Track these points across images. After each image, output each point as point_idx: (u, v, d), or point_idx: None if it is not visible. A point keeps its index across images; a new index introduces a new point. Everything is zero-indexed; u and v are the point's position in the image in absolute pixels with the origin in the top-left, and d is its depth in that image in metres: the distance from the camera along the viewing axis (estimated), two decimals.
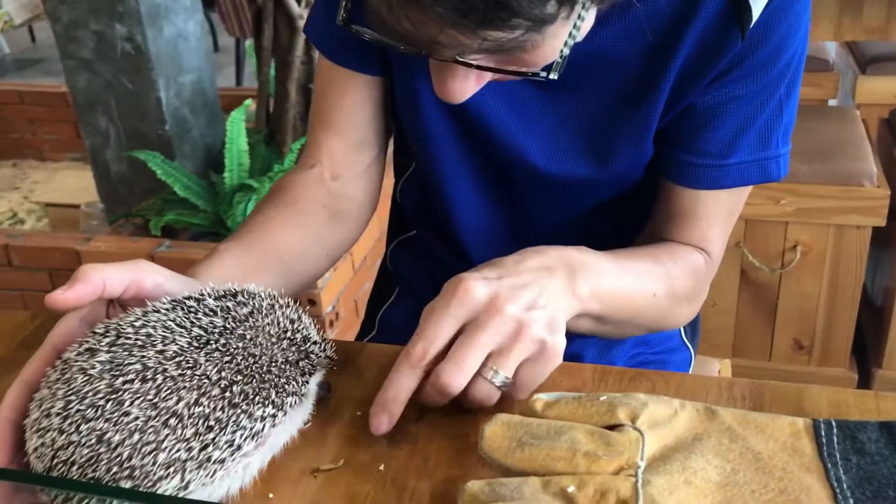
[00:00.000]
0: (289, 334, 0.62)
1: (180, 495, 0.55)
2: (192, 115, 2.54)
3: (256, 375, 0.59)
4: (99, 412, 0.55)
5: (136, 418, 0.55)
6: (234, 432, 0.57)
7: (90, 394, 0.56)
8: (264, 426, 0.59)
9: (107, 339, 0.58)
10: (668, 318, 0.84)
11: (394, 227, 1.11)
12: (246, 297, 0.63)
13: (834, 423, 0.59)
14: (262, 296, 0.64)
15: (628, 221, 0.92)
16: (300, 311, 0.65)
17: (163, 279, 0.67)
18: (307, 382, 0.63)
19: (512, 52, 0.58)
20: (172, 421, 0.55)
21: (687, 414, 0.60)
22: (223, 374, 0.58)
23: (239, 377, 0.58)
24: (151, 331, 0.59)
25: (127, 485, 0.54)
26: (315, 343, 0.64)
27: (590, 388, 0.70)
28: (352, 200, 0.94)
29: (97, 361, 0.57)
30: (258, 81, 2.53)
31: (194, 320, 0.60)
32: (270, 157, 2.45)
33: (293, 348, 0.62)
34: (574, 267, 0.70)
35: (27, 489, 0.56)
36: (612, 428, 0.58)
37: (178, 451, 0.55)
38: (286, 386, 0.60)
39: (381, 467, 0.63)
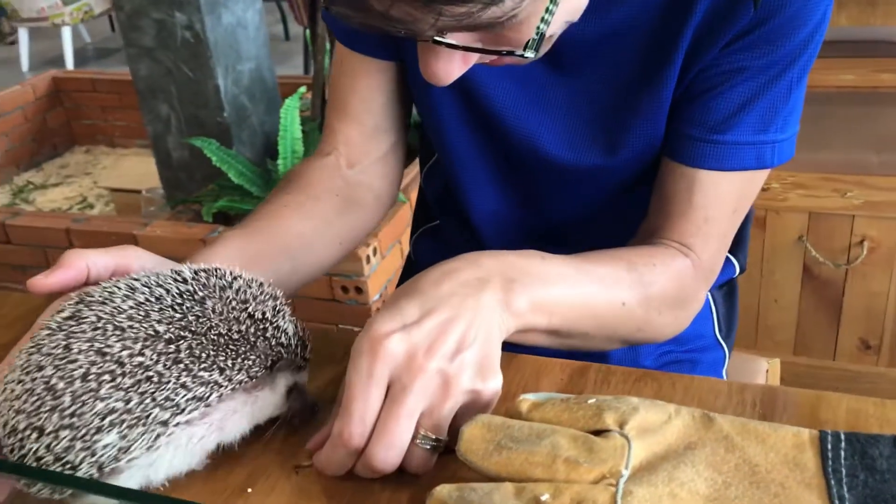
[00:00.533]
0: (257, 315, 0.60)
1: (122, 459, 0.54)
2: (250, 103, 2.57)
3: (206, 338, 0.57)
4: (50, 360, 0.56)
5: (80, 365, 0.55)
6: (175, 390, 0.56)
7: (46, 346, 0.57)
8: (210, 393, 0.57)
9: (75, 300, 0.60)
10: (647, 329, 0.76)
11: (418, 216, 1.09)
12: (229, 276, 0.62)
13: (843, 436, 0.55)
14: (249, 280, 0.62)
15: (647, 210, 0.87)
16: (284, 304, 0.63)
17: (151, 264, 0.66)
18: (270, 371, 0.60)
19: (491, 29, 0.55)
20: (114, 368, 0.55)
21: (681, 420, 0.57)
22: (171, 329, 0.57)
23: (188, 334, 0.57)
24: (115, 290, 0.59)
25: (68, 436, 0.54)
26: (286, 335, 0.61)
27: (591, 388, 0.67)
28: (368, 188, 0.92)
29: (60, 317, 0.58)
30: (313, 69, 2.54)
31: (161, 283, 0.60)
32: None
33: (259, 331, 0.60)
34: (511, 277, 0.64)
35: None
36: (598, 433, 0.55)
37: (116, 401, 0.54)
38: (239, 360, 0.58)
39: None
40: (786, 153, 0.76)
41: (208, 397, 0.57)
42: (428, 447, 0.58)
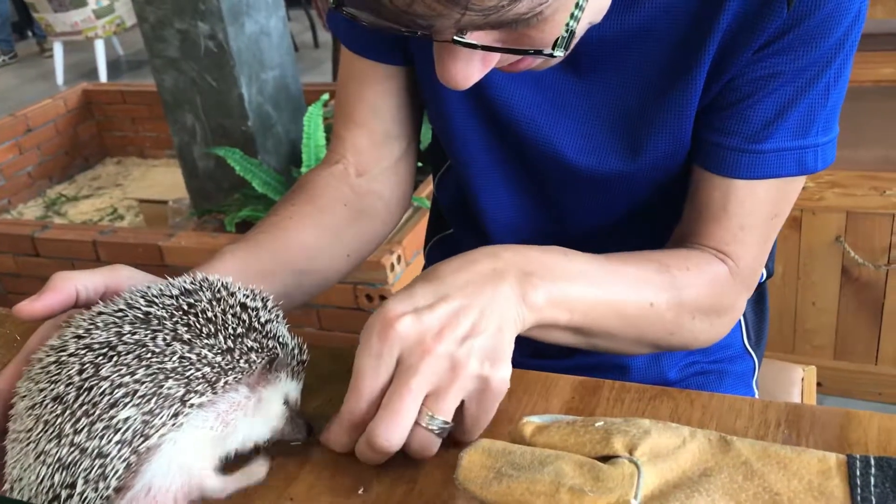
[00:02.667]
0: (253, 314, 0.59)
1: (149, 434, 0.53)
2: (275, 111, 2.56)
3: (204, 317, 0.57)
4: (43, 377, 0.55)
5: (72, 364, 0.55)
6: (185, 366, 0.55)
7: (42, 380, 0.55)
8: (215, 377, 0.56)
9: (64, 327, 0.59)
10: (679, 334, 0.73)
11: (432, 224, 1.06)
12: (222, 285, 0.60)
13: (872, 461, 0.50)
14: (240, 289, 0.61)
15: (670, 222, 0.83)
16: (277, 313, 0.61)
17: (142, 283, 0.64)
18: (270, 367, 0.58)
19: (515, 27, 0.52)
20: (107, 352, 0.55)
21: (697, 445, 0.52)
22: (179, 321, 0.56)
23: (179, 314, 0.57)
24: (103, 309, 0.59)
25: (86, 422, 0.53)
26: (283, 336, 0.60)
27: (604, 408, 0.63)
28: (378, 197, 0.89)
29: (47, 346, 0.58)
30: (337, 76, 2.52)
31: (152, 298, 0.59)
32: None
33: (258, 325, 0.59)
34: (530, 270, 0.62)
35: None
36: (606, 459, 0.51)
37: (122, 375, 0.54)
38: (240, 344, 0.57)
39: (361, 490, 0.58)
40: (829, 156, 0.73)
41: (214, 382, 0.56)
42: (432, 428, 0.57)
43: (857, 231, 1.89)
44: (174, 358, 0.55)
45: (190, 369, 0.55)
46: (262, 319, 0.59)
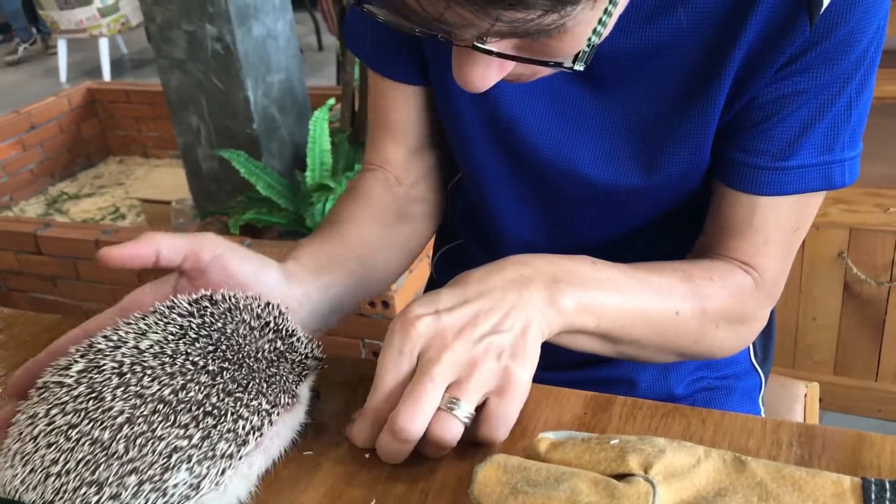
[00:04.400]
0: (272, 325, 0.60)
1: (192, 497, 0.53)
2: (280, 114, 2.56)
3: (245, 364, 0.57)
4: (83, 415, 0.53)
5: (121, 411, 0.53)
6: (236, 422, 0.54)
7: (70, 404, 0.54)
8: (262, 422, 0.56)
9: (80, 353, 0.57)
10: (704, 342, 0.75)
11: (441, 234, 1.06)
12: (222, 297, 0.60)
13: (888, 485, 0.50)
14: (240, 297, 0.61)
15: (685, 238, 0.83)
16: (282, 310, 0.62)
17: (221, 251, 0.66)
18: (300, 382, 0.60)
19: (537, 37, 0.53)
20: (162, 408, 0.53)
21: (711, 464, 0.53)
22: (209, 360, 0.56)
23: (227, 364, 0.56)
24: (123, 334, 0.57)
25: (135, 481, 0.51)
26: (300, 340, 0.61)
27: (616, 424, 0.63)
28: (421, 201, 0.92)
29: (74, 371, 0.55)
30: (343, 81, 2.52)
31: (169, 320, 0.58)
32: (354, 155, 2.44)
33: (279, 340, 0.59)
34: (558, 277, 0.64)
35: None
36: (621, 477, 0.51)
37: (178, 438, 0.53)
38: (279, 381, 0.58)
39: (373, 503, 0.58)
40: (856, 171, 0.74)
41: (261, 427, 0.56)
42: (455, 412, 0.57)
43: (859, 247, 1.90)
44: (227, 418, 0.54)
45: (243, 424, 0.55)
46: (289, 336, 0.60)
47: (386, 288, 0.89)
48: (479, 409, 0.59)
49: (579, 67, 0.55)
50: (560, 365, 0.91)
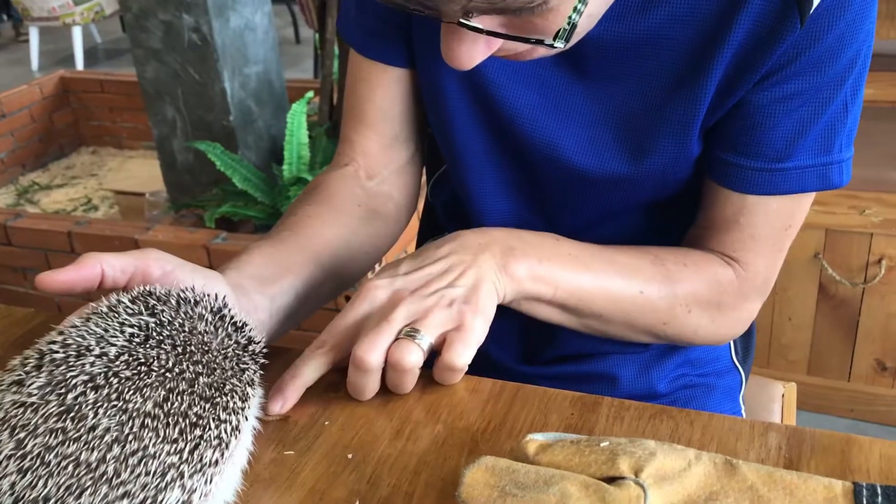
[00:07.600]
0: (226, 322, 0.58)
1: None
2: (257, 107, 2.53)
3: (216, 363, 0.55)
4: (60, 435, 0.48)
5: (107, 429, 0.48)
6: (219, 426, 0.53)
7: (41, 422, 0.48)
8: (239, 419, 0.55)
9: (32, 364, 0.51)
10: (673, 325, 0.76)
11: (424, 227, 1.05)
12: (163, 292, 0.57)
13: (879, 490, 0.50)
14: (179, 292, 0.58)
15: (670, 228, 0.83)
16: (224, 302, 0.60)
17: (171, 267, 0.64)
18: (256, 370, 0.58)
19: (520, 14, 0.53)
20: (150, 422, 0.49)
21: (702, 468, 0.52)
22: (184, 365, 0.53)
23: (199, 367, 0.54)
24: (80, 339, 0.52)
25: None
26: (249, 328, 0.60)
27: (604, 426, 0.62)
28: (388, 199, 0.90)
29: (34, 388, 0.50)
30: (322, 74, 2.50)
31: (122, 321, 0.54)
32: (332, 149, 2.42)
33: (236, 332, 0.58)
34: (514, 246, 0.67)
35: None
36: (611, 480, 0.51)
37: (168, 454, 0.49)
38: (248, 375, 0.57)
39: (357, 503, 0.56)
40: (850, 172, 0.74)
41: (238, 425, 0.54)
42: (414, 338, 0.61)
43: (835, 249, 1.91)
44: (211, 425, 0.52)
45: (225, 427, 0.53)
46: (245, 328, 0.59)
47: (348, 287, 0.87)
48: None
49: (560, 45, 0.56)
50: (542, 360, 0.91)
